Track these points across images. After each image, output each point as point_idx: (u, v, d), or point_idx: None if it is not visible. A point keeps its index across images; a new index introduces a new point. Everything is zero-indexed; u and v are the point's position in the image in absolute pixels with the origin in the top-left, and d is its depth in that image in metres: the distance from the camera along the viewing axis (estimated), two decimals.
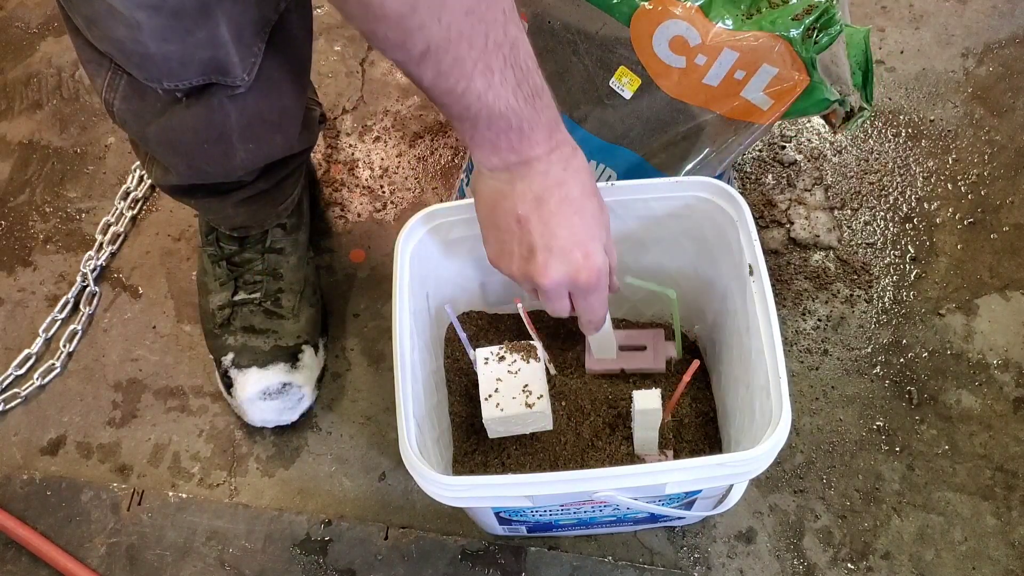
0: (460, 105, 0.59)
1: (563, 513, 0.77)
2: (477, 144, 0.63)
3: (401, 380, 0.70)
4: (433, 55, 0.56)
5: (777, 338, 0.68)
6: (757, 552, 0.89)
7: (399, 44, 0.56)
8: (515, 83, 0.59)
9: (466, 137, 0.63)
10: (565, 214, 0.65)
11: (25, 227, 1.14)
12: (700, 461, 0.65)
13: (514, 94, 0.59)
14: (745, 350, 0.75)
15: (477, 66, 0.57)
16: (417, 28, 0.54)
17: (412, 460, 0.66)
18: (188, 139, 0.82)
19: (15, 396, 1.02)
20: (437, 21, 0.54)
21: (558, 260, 0.65)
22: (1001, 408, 0.94)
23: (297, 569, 0.90)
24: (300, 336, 0.97)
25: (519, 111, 0.60)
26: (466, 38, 0.56)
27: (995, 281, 1.01)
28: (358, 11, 0.55)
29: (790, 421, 0.65)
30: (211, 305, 0.99)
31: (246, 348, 0.96)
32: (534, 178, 0.64)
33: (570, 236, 0.65)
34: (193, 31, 0.70)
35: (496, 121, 0.60)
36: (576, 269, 0.66)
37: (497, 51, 0.57)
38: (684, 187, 0.78)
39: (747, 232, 0.74)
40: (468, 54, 0.56)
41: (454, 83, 0.57)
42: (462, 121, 0.61)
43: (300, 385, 0.95)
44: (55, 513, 0.94)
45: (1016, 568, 0.87)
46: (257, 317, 0.97)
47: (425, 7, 0.53)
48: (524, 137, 0.62)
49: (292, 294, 0.98)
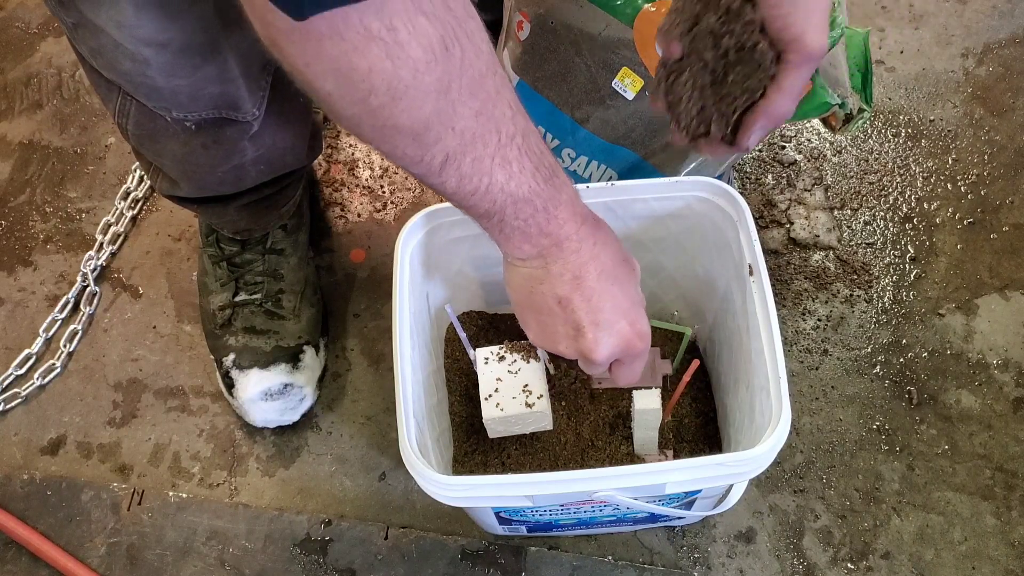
0: (487, 202, 0.60)
1: (563, 513, 0.77)
2: (507, 236, 0.64)
3: (401, 380, 0.70)
4: (453, 162, 0.57)
5: (777, 338, 0.68)
6: (757, 552, 0.89)
7: (418, 160, 0.57)
8: (533, 168, 0.60)
9: (496, 232, 0.64)
10: (605, 287, 0.66)
11: (25, 227, 1.14)
12: (700, 461, 0.65)
13: (533, 178, 0.61)
14: (745, 350, 0.75)
15: (495, 160, 0.59)
16: (434, 142, 0.56)
17: (412, 460, 0.66)
18: (203, 167, 0.84)
19: (15, 396, 1.02)
20: (451, 130, 0.55)
21: (607, 334, 0.66)
22: (1001, 408, 0.94)
23: (297, 569, 0.90)
24: (301, 336, 0.97)
25: (541, 192, 0.61)
26: (480, 138, 0.57)
27: (995, 281, 1.01)
28: (375, 135, 0.56)
29: (790, 421, 0.65)
30: (212, 306, 0.99)
31: (247, 349, 0.96)
32: (568, 258, 0.65)
33: (614, 308, 0.66)
34: (201, 66, 0.70)
35: (522, 208, 0.61)
36: (625, 340, 0.67)
37: (511, 143, 0.59)
38: (684, 187, 0.78)
39: (747, 232, 0.74)
40: (485, 152, 0.58)
41: (477, 182, 0.59)
42: (490, 217, 0.62)
43: (302, 385, 0.95)
44: (55, 513, 0.94)
45: (1016, 568, 0.87)
46: (258, 318, 0.97)
47: (437, 121, 0.55)
48: (551, 217, 0.63)
49: (293, 295, 0.99)
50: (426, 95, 0.53)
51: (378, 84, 0.51)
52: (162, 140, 0.82)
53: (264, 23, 0.50)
